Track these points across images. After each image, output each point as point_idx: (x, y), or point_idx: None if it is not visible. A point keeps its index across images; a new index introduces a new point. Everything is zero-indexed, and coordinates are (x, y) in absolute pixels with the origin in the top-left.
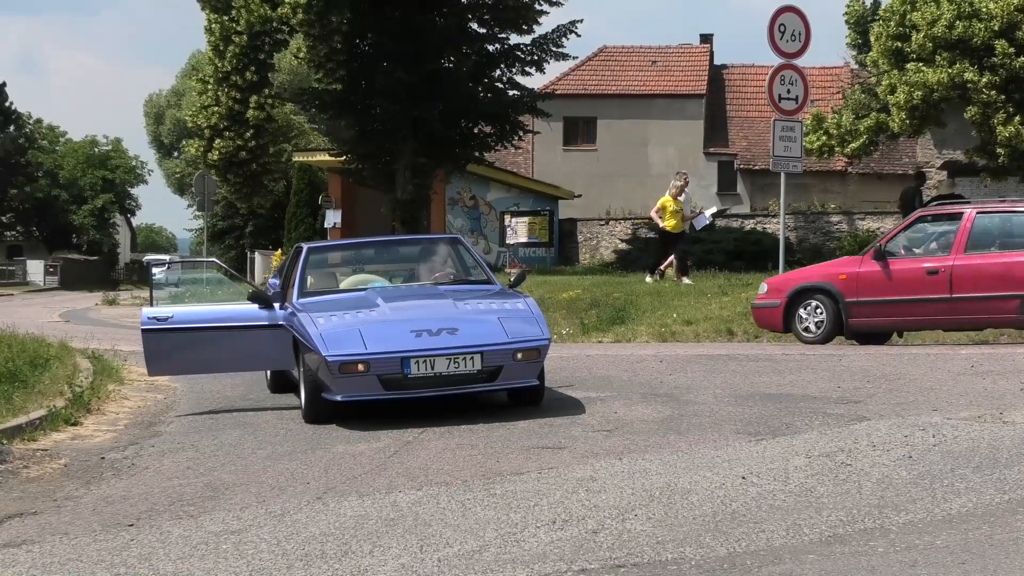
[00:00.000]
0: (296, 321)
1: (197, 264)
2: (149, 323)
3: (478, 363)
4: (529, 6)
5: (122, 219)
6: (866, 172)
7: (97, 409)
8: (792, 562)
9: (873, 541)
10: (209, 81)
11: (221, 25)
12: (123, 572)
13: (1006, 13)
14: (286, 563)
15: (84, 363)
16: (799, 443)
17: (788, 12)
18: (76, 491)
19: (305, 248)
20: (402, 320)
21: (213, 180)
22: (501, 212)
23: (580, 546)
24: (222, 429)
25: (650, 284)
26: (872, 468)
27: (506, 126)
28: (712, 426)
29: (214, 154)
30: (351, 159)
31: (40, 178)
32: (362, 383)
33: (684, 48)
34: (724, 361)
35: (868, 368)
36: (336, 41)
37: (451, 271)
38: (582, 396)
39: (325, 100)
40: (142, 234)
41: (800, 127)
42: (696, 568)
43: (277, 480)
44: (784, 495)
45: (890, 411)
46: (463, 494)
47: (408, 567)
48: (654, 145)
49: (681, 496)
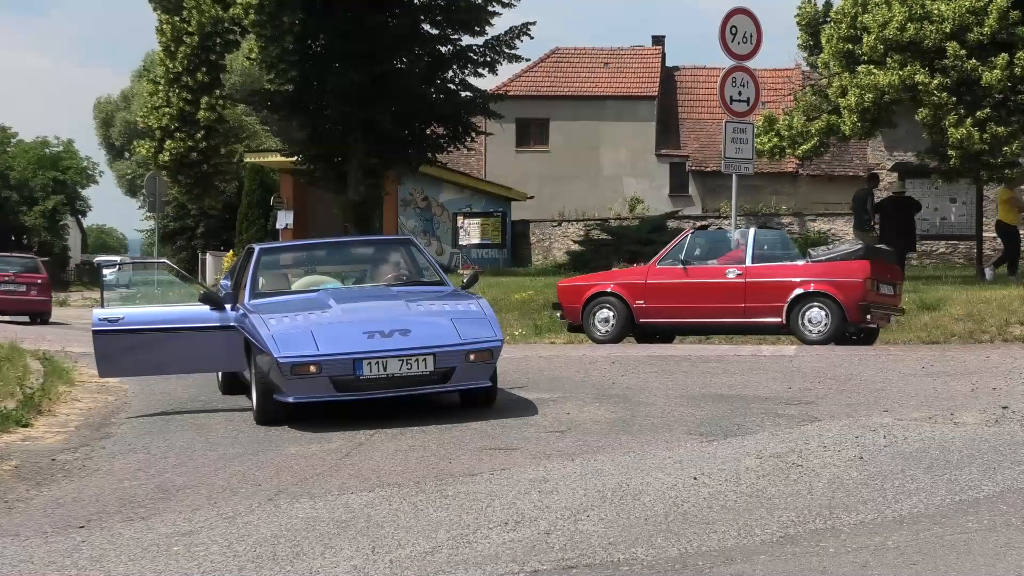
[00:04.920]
0: (248, 322)
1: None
2: (100, 324)
3: (431, 364)
4: (481, 7)
5: (73, 220)
6: (817, 174)
7: (48, 410)
8: (743, 563)
9: (824, 542)
10: (160, 82)
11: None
12: (74, 574)
13: (957, 15)
14: (237, 565)
15: (35, 364)
16: (750, 444)
17: (739, 14)
18: (27, 492)
19: (257, 249)
20: (354, 321)
21: (164, 181)
22: (454, 213)
23: (532, 547)
24: (173, 431)
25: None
26: (823, 469)
27: (458, 127)
28: (664, 427)
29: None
30: (303, 160)
31: None
32: (314, 384)
33: (636, 50)
34: (676, 362)
35: (819, 369)
36: (288, 42)
37: (403, 272)
38: (535, 397)
39: (276, 101)
40: (93, 235)
41: (751, 129)
42: (648, 569)
43: (228, 482)
44: (735, 496)
45: (841, 412)
46: (415, 495)
47: (360, 569)
48: (606, 146)
49: (633, 497)
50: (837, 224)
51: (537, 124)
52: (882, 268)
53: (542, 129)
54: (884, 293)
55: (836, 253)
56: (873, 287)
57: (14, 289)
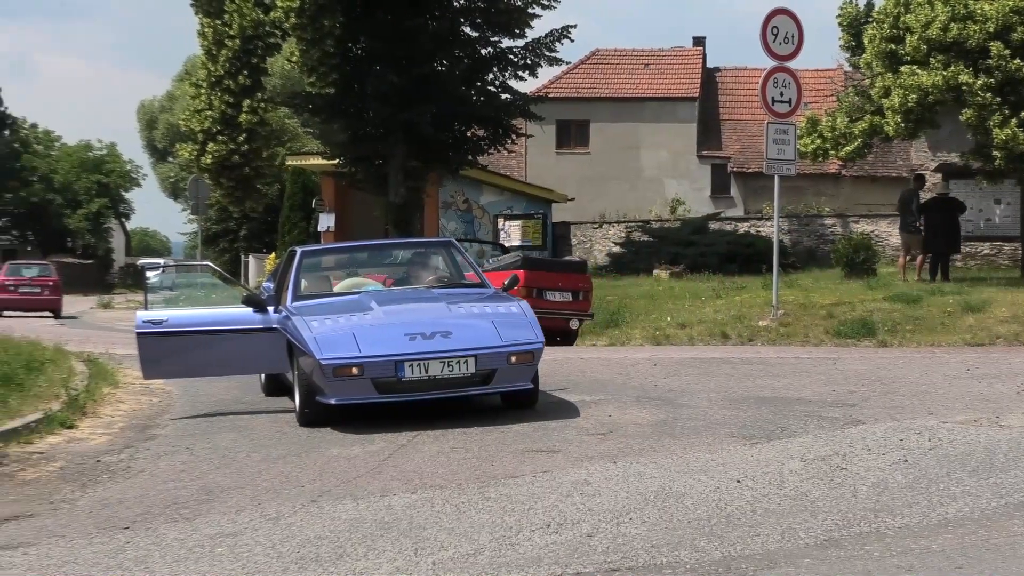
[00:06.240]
0: (290, 324)
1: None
2: (144, 327)
3: (472, 366)
4: (522, 10)
5: (116, 223)
6: (860, 175)
7: (92, 412)
8: (787, 566)
9: (869, 545)
10: (202, 85)
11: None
12: (119, 574)
13: (1001, 15)
14: (281, 566)
15: (79, 366)
16: (794, 447)
17: (781, 14)
18: (72, 494)
19: (299, 251)
20: (396, 323)
21: (206, 184)
22: (494, 215)
23: (575, 550)
24: (217, 432)
25: None
26: (867, 472)
27: (499, 129)
28: (706, 429)
29: (207, 158)
30: (344, 163)
31: (35, 182)
32: (356, 386)
33: (677, 51)
34: (718, 364)
35: (863, 372)
36: (328, 45)
37: (444, 274)
38: (576, 399)
39: (317, 104)
40: (136, 238)
41: (794, 130)
42: (691, 572)
43: (272, 483)
44: (779, 499)
45: (885, 415)
46: (457, 497)
47: (403, 570)
48: (647, 148)
49: (676, 500)
50: (880, 225)
51: (577, 126)
52: (548, 277)
53: (582, 131)
54: (552, 300)
55: (498, 264)
56: (532, 294)
57: (30, 291)
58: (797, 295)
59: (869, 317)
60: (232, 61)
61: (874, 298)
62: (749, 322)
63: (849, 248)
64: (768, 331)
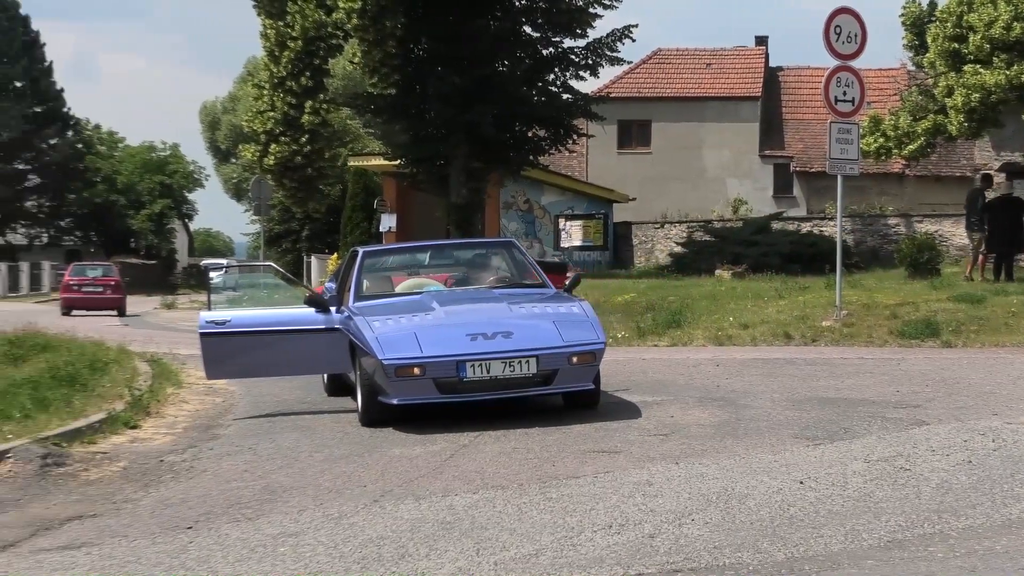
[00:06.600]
0: (352, 325)
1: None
2: (207, 327)
3: (533, 367)
4: (583, 10)
5: (180, 224)
6: (924, 174)
7: (156, 412)
8: (850, 567)
9: (932, 546)
10: (265, 86)
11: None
12: (182, 574)
13: None
14: (343, 566)
15: (143, 366)
16: (857, 448)
17: (844, 14)
18: (135, 494)
19: (361, 252)
20: (457, 324)
21: (269, 185)
22: (555, 215)
23: (636, 550)
24: (279, 432)
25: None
26: (931, 473)
27: (560, 130)
28: (769, 430)
29: (270, 159)
30: (405, 163)
31: (98, 183)
32: (418, 386)
33: (739, 50)
34: (781, 365)
35: (927, 372)
36: (390, 46)
37: (505, 275)
38: (638, 400)
39: (379, 105)
40: (199, 238)
41: (857, 129)
42: (753, 573)
43: (334, 483)
44: (842, 500)
45: (949, 415)
46: (519, 498)
47: (465, 570)
48: (709, 148)
49: (738, 501)
50: (945, 225)
51: (639, 126)
52: None
53: (644, 131)
54: None
55: None
56: None
57: (93, 290)
58: (860, 295)
59: (933, 317)
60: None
61: (938, 298)
62: (812, 322)
63: (913, 248)
64: (831, 331)
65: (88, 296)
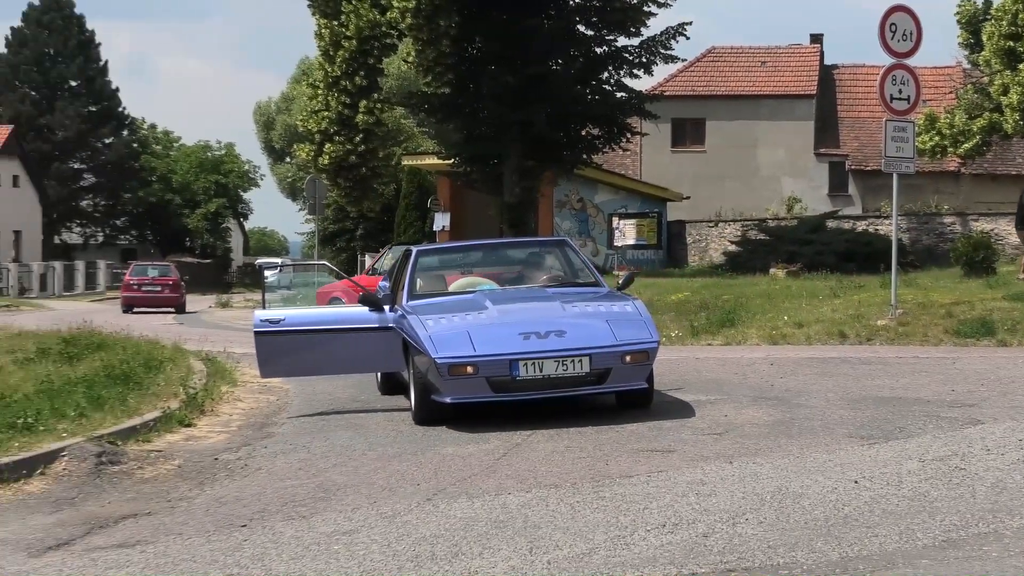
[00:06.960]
0: (406, 323)
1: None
2: (261, 325)
3: (586, 365)
4: (637, 8)
5: (235, 223)
6: (980, 173)
7: (210, 410)
8: (905, 567)
9: (987, 546)
10: (319, 86)
11: (331, 30)
12: (236, 572)
13: None
14: (397, 564)
15: (197, 365)
16: (912, 447)
17: (899, 11)
18: (189, 492)
19: (415, 251)
20: (510, 322)
21: (324, 184)
22: (609, 214)
23: (690, 550)
24: (333, 430)
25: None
26: (986, 472)
27: (613, 128)
28: (824, 430)
29: (324, 158)
30: (459, 162)
31: (153, 182)
32: (471, 385)
33: (794, 48)
34: (836, 364)
35: (982, 371)
36: (444, 45)
37: (558, 273)
38: (691, 399)
39: (433, 104)
40: (254, 237)
41: (912, 127)
42: (808, 573)
43: (387, 481)
44: (897, 499)
45: (1004, 415)
46: (572, 496)
47: (518, 569)
48: (763, 146)
49: (792, 500)
50: (1000, 224)
51: (693, 124)
52: None
53: (698, 129)
54: None
55: None
56: None
57: (151, 289)
58: (916, 294)
59: (988, 316)
60: (349, 62)
61: (994, 297)
62: (867, 321)
63: (968, 247)
64: (886, 330)
65: (148, 295)
